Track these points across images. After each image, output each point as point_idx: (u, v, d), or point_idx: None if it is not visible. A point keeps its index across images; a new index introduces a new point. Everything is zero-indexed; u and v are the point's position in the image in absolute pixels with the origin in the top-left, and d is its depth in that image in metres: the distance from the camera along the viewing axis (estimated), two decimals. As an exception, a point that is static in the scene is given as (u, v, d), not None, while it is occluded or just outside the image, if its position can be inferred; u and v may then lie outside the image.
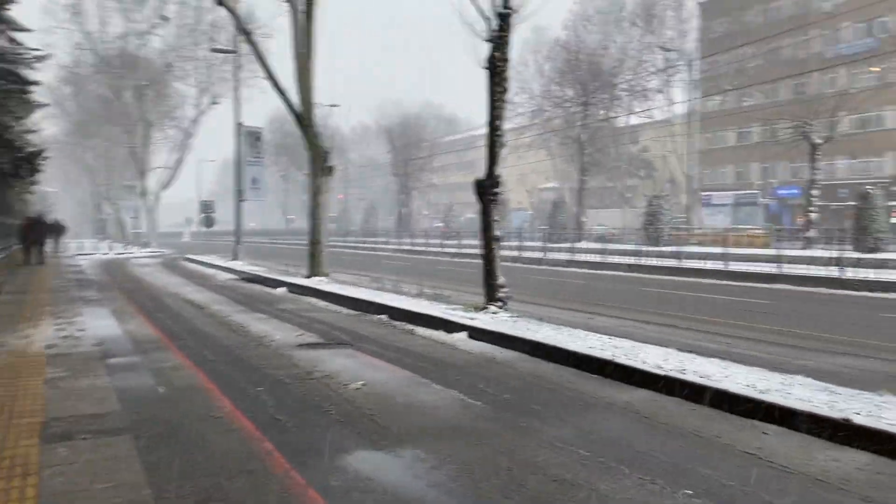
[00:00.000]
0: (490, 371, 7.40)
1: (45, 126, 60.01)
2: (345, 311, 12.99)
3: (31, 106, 24.49)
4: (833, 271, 17.43)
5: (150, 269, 26.25)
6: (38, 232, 23.98)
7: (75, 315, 11.20)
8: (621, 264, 23.93)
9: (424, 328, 10.39)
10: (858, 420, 4.81)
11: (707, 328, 11.12)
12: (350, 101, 57.50)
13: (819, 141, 28.84)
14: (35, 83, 23.41)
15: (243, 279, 20.62)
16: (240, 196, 25.95)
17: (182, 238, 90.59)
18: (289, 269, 21.33)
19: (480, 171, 10.86)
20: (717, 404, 5.72)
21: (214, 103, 47.88)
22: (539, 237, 34.27)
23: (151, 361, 7.89)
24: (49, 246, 42.41)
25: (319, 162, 17.53)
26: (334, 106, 57.69)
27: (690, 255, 22.08)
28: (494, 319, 9.79)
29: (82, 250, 40.52)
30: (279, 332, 10.21)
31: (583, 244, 29.19)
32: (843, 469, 4.36)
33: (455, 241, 36.46)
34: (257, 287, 18.08)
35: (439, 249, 36.70)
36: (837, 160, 48.19)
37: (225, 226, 79.26)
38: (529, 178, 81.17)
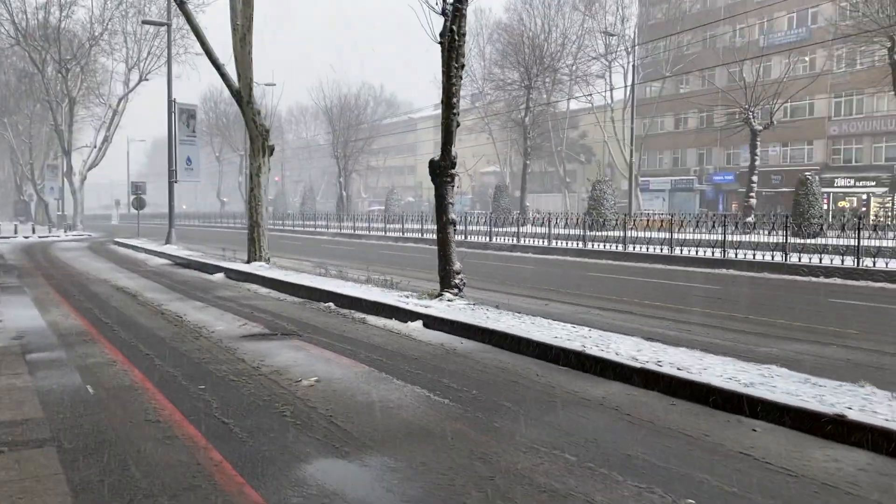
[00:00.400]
0: (452, 364, 6.95)
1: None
2: (289, 298, 12.34)
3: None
4: (777, 256, 17.63)
5: (76, 254, 24.81)
6: None
7: (-9, 304, 10.26)
8: (568, 249, 23.83)
9: (376, 317, 9.88)
10: (853, 416, 4.56)
11: (663, 314, 10.93)
12: (287, 81, 55.77)
13: (759, 128, 29.33)
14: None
15: (178, 264, 19.61)
16: (173, 177, 24.70)
17: (110, 221, 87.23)
18: (226, 254, 20.41)
19: (421, 154, 10.37)
20: (698, 399, 5.41)
21: (144, 80, 45.73)
22: (483, 221, 34.01)
23: (79, 357, 7.15)
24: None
25: (259, 141, 16.69)
26: (270, 85, 55.78)
27: (636, 240, 22.09)
28: (451, 307, 9.35)
29: (2, 233, 38.20)
30: (220, 323, 9.53)
31: (527, 228, 28.98)
32: (845, 471, 4.08)
33: (398, 226, 35.82)
34: (193, 273, 17.17)
35: (382, 234, 36.04)
36: (770, 147, 49.44)
37: (156, 208, 76.44)
38: (469, 161, 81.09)
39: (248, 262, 16.74)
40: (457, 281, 9.97)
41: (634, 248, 21.91)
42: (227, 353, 7.48)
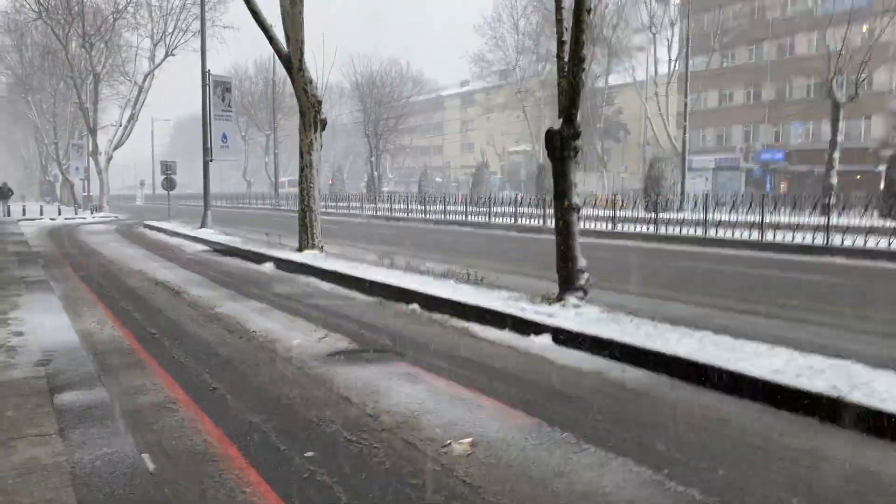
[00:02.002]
0: (641, 411, 4.99)
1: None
2: (360, 297, 10.45)
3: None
4: (881, 242, 15.42)
5: (104, 238, 23.13)
6: None
7: (11, 307, 8.45)
8: (635, 233, 21.73)
9: (481, 325, 7.95)
10: None
11: (820, 319, 8.91)
12: (307, 60, 53.79)
13: (843, 100, 26.89)
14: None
15: (218, 251, 17.81)
16: (208, 155, 22.85)
17: (135, 202, 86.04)
18: (270, 240, 18.55)
19: (448, 134, 8.36)
20: None
21: (171, 55, 43.91)
22: (527, 203, 31.87)
23: (126, 394, 5.29)
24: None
25: (310, 114, 14.73)
26: (300, 61, 53.83)
27: (719, 224, 19.92)
28: (583, 317, 7.37)
29: (27, 215, 36.75)
30: (293, 333, 7.65)
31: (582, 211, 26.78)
32: None
33: (438, 207, 33.81)
34: (238, 262, 15.34)
35: (421, 216, 34.04)
36: (824, 123, 46.72)
37: (182, 189, 74.94)
38: (498, 140, 78.74)
39: (300, 250, 14.87)
40: (582, 282, 7.99)
41: (717, 232, 19.73)
42: (322, 385, 5.58)
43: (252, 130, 73.52)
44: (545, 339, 7.08)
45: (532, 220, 26.80)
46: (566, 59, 8.04)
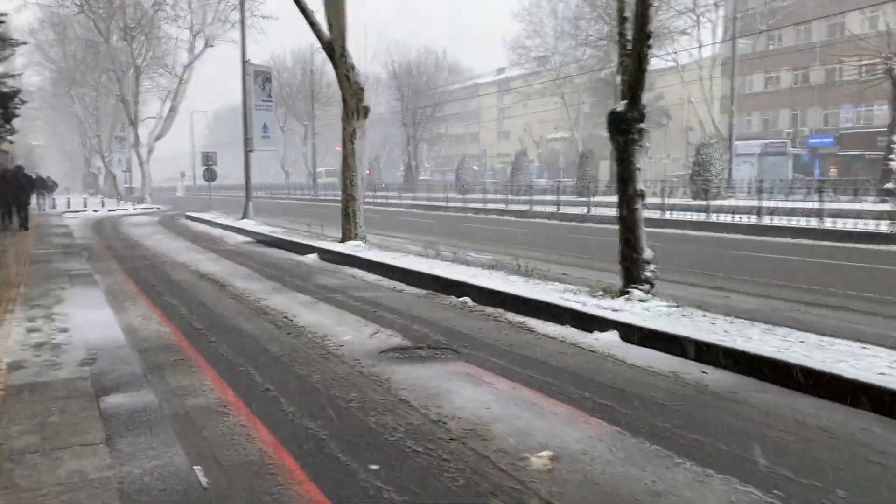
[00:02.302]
0: (728, 416, 4.53)
1: (28, 74, 56.31)
2: (408, 289, 10.09)
3: (4, 42, 21.06)
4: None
5: (147, 230, 23.21)
6: (18, 190, 19.29)
7: (56, 301, 8.27)
8: (686, 221, 21.01)
9: (538, 320, 7.55)
10: None
11: (867, 307, 8.32)
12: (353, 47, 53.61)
13: (904, 79, 25.70)
14: (4, 15, 20.02)
15: (260, 242, 17.65)
16: (248, 146, 22.72)
17: (175, 193, 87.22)
18: (311, 230, 18.35)
19: (484, 122, 7.88)
20: None
21: (209, 46, 44.03)
22: (569, 190, 31.32)
23: (174, 396, 5.02)
24: (34, 204, 39.17)
25: (353, 101, 14.40)
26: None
27: (773, 211, 19.12)
28: (650, 311, 6.90)
29: (71, 207, 37.28)
30: (343, 328, 7.32)
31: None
32: None
33: (479, 196, 33.35)
34: (281, 254, 15.12)
35: (460, 205, 33.59)
36: (876, 105, 45.05)
37: (221, 180, 75.56)
38: (536, 128, 77.79)
39: (343, 240, 14.59)
40: (648, 274, 7.51)
41: (772, 219, 18.95)
42: (378, 386, 5.23)
43: (290, 121, 73.69)
44: (611, 336, 6.63)
45: (575, 209, 26.20)
46: (629, 37, 7.54)
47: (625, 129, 7.42)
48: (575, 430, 4.29)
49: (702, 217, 21.04)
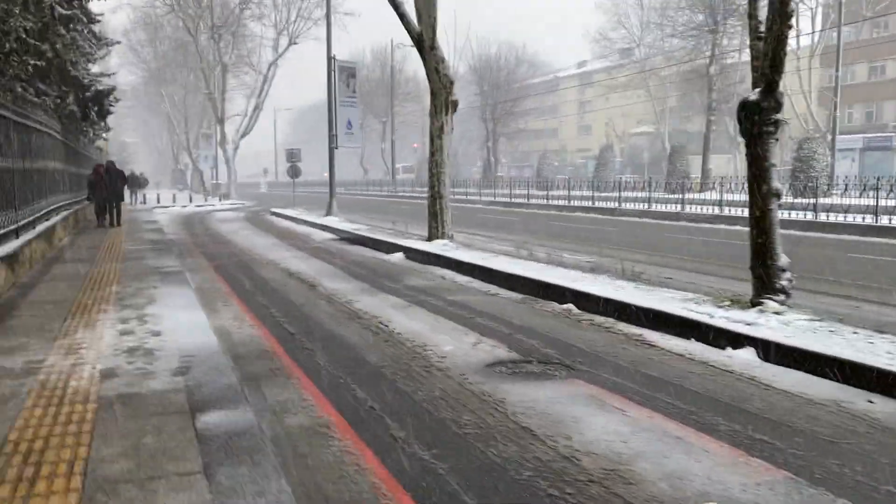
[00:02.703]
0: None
1: (121, 73, 58.62)
2: (502, 292, 9.53)
3: (100, 42, 21.60)
4: None
5: (234, 226, 23.44)
6: (112, 185, 18.99)
7: (148, 301, 8.09)
8: (788, 221, 19.64)
9: (656, 332, 6.86)
10: None
11: None
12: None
13: None
14: (100, 15, 20.52)
15: (345, 240, 17.43)
16: (333, 142, 22.61)
17: (259, 189, 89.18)
18: (395, 228, 18.01)
19: (564, 116, 7.09)
20: None
21: (293, 44, 44.62)
22: (658, 187, 29.93)
23: (271, 413, 4.62)
24: (127, 198, 40.53)
25: (442, 95, 13.93)
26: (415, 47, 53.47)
27: (883, 210, 17.62)
28: (791, 326, 6.11)
29: (161, 203, 38.40)
30: (442, 337, 6.82)
31: (727, 196, 24.27)
32: None
33: (562, 192, 32.43)
34: (367, 252, 14.81)
35: (543, 202, 32.74)
36: None
37: (303, 176, 76.77)
38: (619, 123, 75.76)
39: (429, 239, 14.16)
40: (783, 283, 6.69)
41: (892, 220, 17.43)
42: (493, 409, 4.69)
43: (368, 118, 74.26)
44: (746, 354, 5.89)
45: (667, 206, 25.01)
46: (761, 18, 6.74)
47: (758, 119, 6.61)
48: (736, 475, 3.63)
49: (808, 217, 19.62)
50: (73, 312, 7.40)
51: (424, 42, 13.55)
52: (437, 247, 13.25)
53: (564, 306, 8.28)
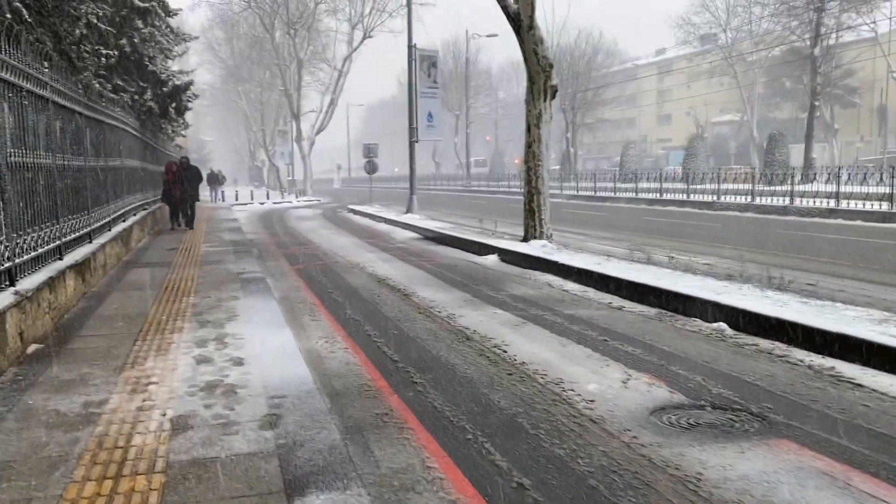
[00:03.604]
0: None
1: (199, 72, 59.44)
2: (628, 305, 8.17)
3: (178, 37, 21.13)
4: None
5: (313, 224, 22.71)
6: (186, 184, 17.51)
7: (228, 316, 7.11)
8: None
9: (844, 362, 5.43)
10: None
11: None
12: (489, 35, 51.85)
13: None
14: (178, 10, 20.04)
15: (429, 239, 16.33)
16: (413, 136, 21.55)
17: (333, 185, 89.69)
18: (483, 226, 16.78)
19: (644, 105, 5.44)
20: None
21: (368, 37, 43.92)
22: (774, 180, 27.68)
23: (388, 490, 3.45)
24: (208, 196, 40.70)
25: (540, 80, 12.61)
26: (492, 36, 52.13)
27: None
28: None
29: (239, 200, 38.34)
30: (576, 368, 5.56)
31: (836, 187, 21.97)
32: None
33: (655, 185, 30.54)
34: (455, 253, 13.63)
35: (632, 195, 30.90)
36: None
37: (378, 172, 76.48)
38: (701, 111, 72.43)
39: (525, 239, 12.87)
40: None
41: None
42: (692, 493, 3.39)
43: (441, 110, 73.23)
44: None
45: (773, 200, 22.91)
46: None
47: None
48: None
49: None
50: (145, 332, 6.46)
51: (522, 22, 12.24)
52: (535, 248, 11.95)
53: (714, 325, 6.87)
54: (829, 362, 5.54)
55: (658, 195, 29.01)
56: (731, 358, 5.82)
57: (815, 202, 21.13)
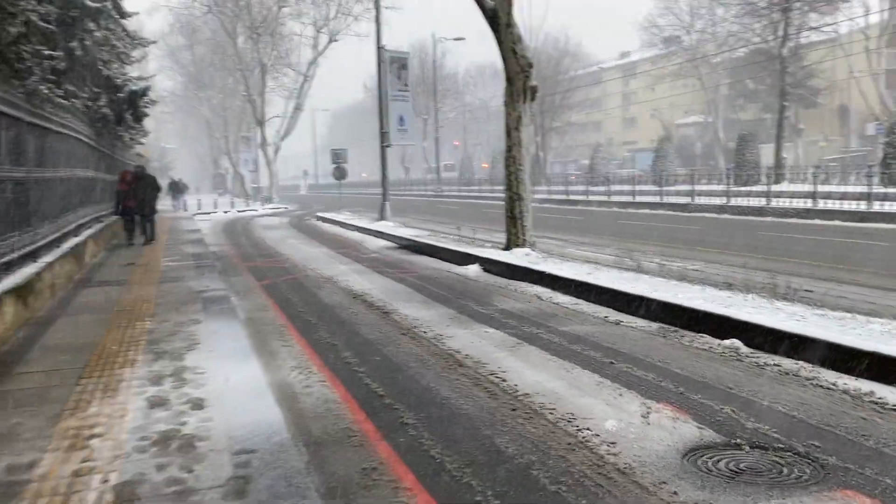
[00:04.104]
0: None
1: (160, 79, 57.90)
2: (626, 320, 7.57)
3: (135, 41, 20.14)
4: None
5: (280, 233, 21.84)
6: (142, 195, 15.73)
7: (188, 344, 6.33)
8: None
9: (878, 383, 4.90)
10: None
11: None
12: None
13: None
14: (134, 14, 19.08)
15: (405, 248, 15.62)
16: (385, 140, 20.81)
17: (299, 191, 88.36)
18: (461, 234, 16.12)
19: (609, 109, 4.92)
20: None
21: (333, 41, 43.06)
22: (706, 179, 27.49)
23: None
24: (170, 205, 39.39)
25: (519, 81, 12.01)
26: (459, 39, 51.72)
27: None
28: None
29: (202, 209, 37.12)
30: (588, 399, 4.91)
31: (813, 187, 21.67)
32: None
33: (627, 187, 30.21)
34: (434, 263, 12.95)
35: (605, 199, 30.52)
36: None
37: (332, 178, 75.44)
38: (665, 113, 72.77)
39: (508, 247, 12.25)
40: None
41: None
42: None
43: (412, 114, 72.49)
44: None
45: (749, 200, 22.63)
46: None
47: None
48: None
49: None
50: (93, 366, 5.66)
51: (500, 19, 11.63)
52: (519, 257, 11.33)
53: (727, 343, 6.28)
54: (865, 385, 4.98)
55: (631, 198, 28.67)
56: (756, 382, 5.23)
57: (791, 202, 20.89)
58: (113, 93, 17.27)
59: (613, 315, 7.83)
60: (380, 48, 20.23)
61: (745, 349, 6.12)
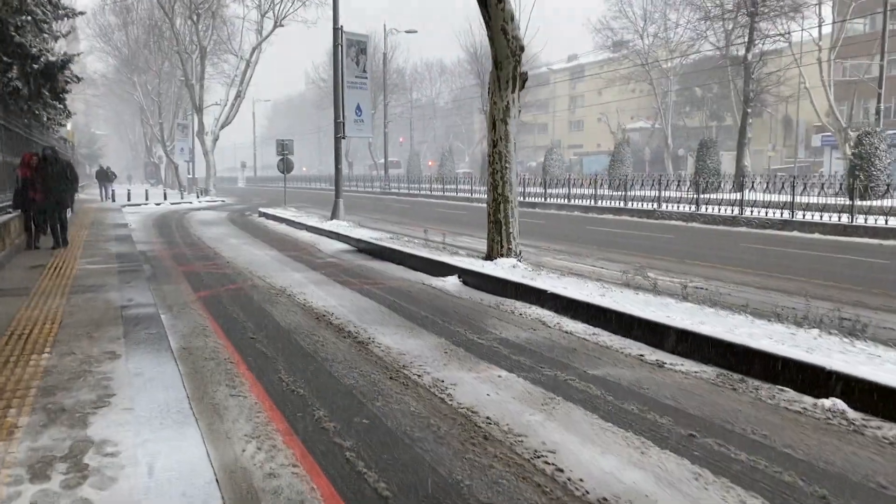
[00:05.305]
0: None
1: (90, 60, 54.27)
2: (668, 360, 6.04)
3: (57, 9, 17.72)
4: None
5: (220, 231, 19.68)
6: (52, 185, 12.58)
7: (97, 398, 4.51)
8: (857, 227, 16.57)
9: None
10: None
11: None
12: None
13: None
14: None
15: (364, 252, 13.85)
16: (339, 131, 18.91)
17: (237, 184, 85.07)
18: (427, 237, 14.37)
19: (557, 111, 3.62)
20: None
21: (279, 26, 40.63)
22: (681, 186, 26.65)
23: None
24: (97, 194, 36.31)
25: (509, 65, 10.42)
26: (411, 32, 49.83)
27: None
28: None
29: (132, 200, 34.28)
30: (641, 482, 3.33)
31: (791, 197, 20.69)
32: None
33: (587, 191, 29.01)
34: (401, 273, 11.23)
35: (565, 202, 29.27)
36: None
37: (271, 171, 72.41)
38: (612, 117, 72.66)
39: (490, 257, 10.65)
40: None
41: None
42: None
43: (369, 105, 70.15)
44: None
45: (721, 209, 21.62)
46: None
47: None
48: None
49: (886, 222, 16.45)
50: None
51: (490, -8, 10.00)
52: (506, 270, 9.73)
53: (826, 404, 4.80)
54: None
55: (592, 202, 27.47)
56: (869, 465, 3.75)
57: (766, 213, 19.95)
58: (28, 63, 14.92)
59: (648, 352, 6.31)
60: (336, 29, 18.32)
61: (851, 412, 4.66)
